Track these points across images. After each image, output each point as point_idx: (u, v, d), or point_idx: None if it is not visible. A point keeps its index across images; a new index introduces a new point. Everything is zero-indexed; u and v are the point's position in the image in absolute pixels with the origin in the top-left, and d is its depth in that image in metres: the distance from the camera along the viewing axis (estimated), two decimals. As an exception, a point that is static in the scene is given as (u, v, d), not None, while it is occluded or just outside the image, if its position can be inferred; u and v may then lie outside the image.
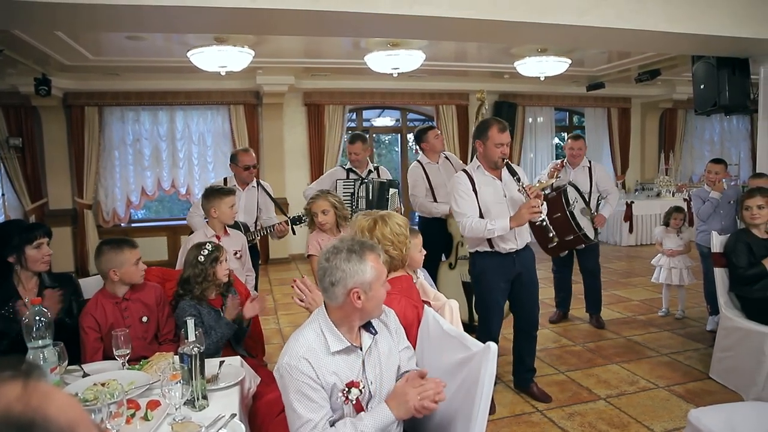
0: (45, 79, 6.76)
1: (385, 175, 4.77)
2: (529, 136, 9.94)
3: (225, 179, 4.48)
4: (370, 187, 4.37)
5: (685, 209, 5.51)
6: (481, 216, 3.33)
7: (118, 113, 8.12)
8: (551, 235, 3.29)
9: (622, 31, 3.76)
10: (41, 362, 1.97)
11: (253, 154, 4.45)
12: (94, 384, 2.05)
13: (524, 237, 3.45)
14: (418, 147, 5.03)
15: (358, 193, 4.41)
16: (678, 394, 3.64)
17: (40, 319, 2.01)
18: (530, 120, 9.90)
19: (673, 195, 9.63)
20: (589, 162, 5.09)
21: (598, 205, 4.97)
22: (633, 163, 10.47)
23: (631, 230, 9.36)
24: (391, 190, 4.44)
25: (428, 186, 4.85)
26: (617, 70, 7.92)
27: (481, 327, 3.63)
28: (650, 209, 9.37)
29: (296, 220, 4.05)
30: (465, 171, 3.45)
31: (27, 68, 6.46)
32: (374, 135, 10.09)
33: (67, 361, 2.17)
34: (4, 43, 5.32)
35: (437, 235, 4.76)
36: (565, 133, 11.04)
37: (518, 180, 3.25)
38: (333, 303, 1.76)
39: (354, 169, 4.64)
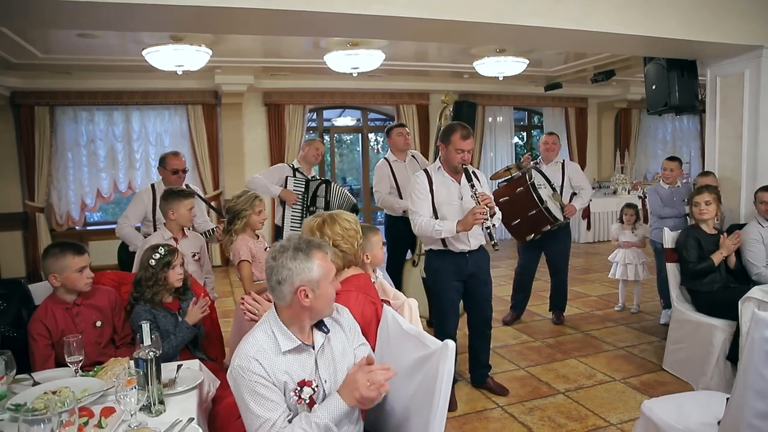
0: (-10, 77, 6.50)
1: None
2: (489, 135, 10.08)
3: (153, 185, 4.19)
4: (330, 190, 4.34)
5: (639, 206, 5.68)
6: (435, 215, 3.44)
7: (70, 113, 7.87)
8: (494, 243, 3.27)
9: (575, 33, 3.84)
10: (-13, 372, 1.89)
11: (183, 159, 4.23)
12: (45, 392, 1.97)
13: (477, 239, 3.52)
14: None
15: (316, 193, 4.38)
16: (633, 386, 3.76)
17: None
18: (490, 119, 10.04)
19: (628, 192, 9.92)
20: (563, 159, 5.20)
21: (570, 201, 5.03)
22: (590, 162, 10.74)
23: (589, 227, 9.61)
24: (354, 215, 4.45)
25: (393, 183, 4.91)
26: (574, 70, 8.11)
27: (437, 325, 3.67)
28: (607, 207, 9.65)
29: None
30: (426, 170, 3.54)
31: (-30, 66, 6.21)
32: (335, 135, 10.07)
33: (15, 371, 2.09)
34: (-55, 40, 5.10)
35: (403, 233, 4.79)
36: (525, 133, 11.27)
37: (472, 186, 3.32)
38: (281, 302, 1.75)
39: (300, 169, 4.66)
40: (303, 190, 4.50)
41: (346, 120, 10.22)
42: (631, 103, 10.28)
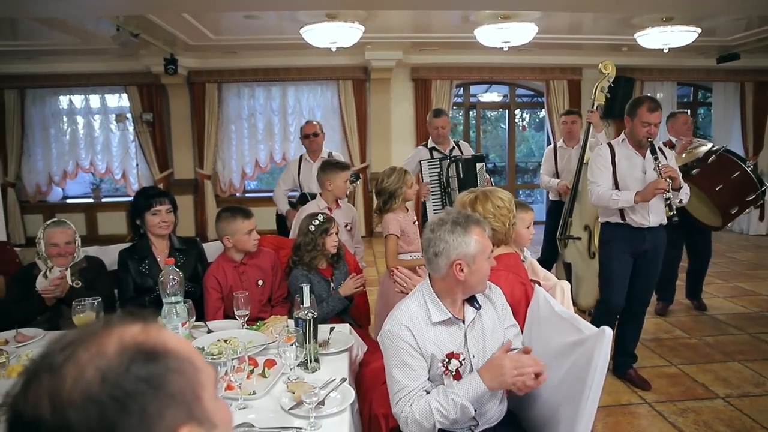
0: (172, 58, 7.33)
1: (467, 149, 4.70)
2: (648, 113, 9.25)
3: (301, 156, 4.63)
4: (460, 165, 4.29)
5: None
6: (617, 188, 3.39)
7: (234, 89, 8.59)
8: (672, 214, 3.20)
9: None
10: (175, 316, 2.16)
11: (315, 124, 4.58)
12: (218, 340, 2.22)
13: (658, 215, 3.37)
14: None
15: (447, 173, 4.33)
16: (813, 401, 3.30)
17: (172, 277, 2.20)
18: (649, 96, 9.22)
19: (816, 181, 8.59)
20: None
21: None
22: (769, 145, 9.45)
23: (761, 218, 8.48)
24: (478, 165, 4.35)
25: (554, 167, 4.94)
26: (756, 38, 7.12)
27: (600, 298, 3.62)
28: (787, 195, 8.45)
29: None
30: (609, 144, 3.49)
31: (157, 49, 7.01)
32: (480, 110, 9.91)
33: (194, 317, 2.36)
34: (140, 27, 5.81)
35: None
36: (689, 110, 10.20)
37: (656, 159, 3.22)
38: (436, 274, 1.78)
39: (437, 147, 4.58)
40: (438, 171, 4.43)
41: (493, 96, 10.00)
42: (830, 74, 8.82)
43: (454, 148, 4.61)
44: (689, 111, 10.11)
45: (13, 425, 0.62)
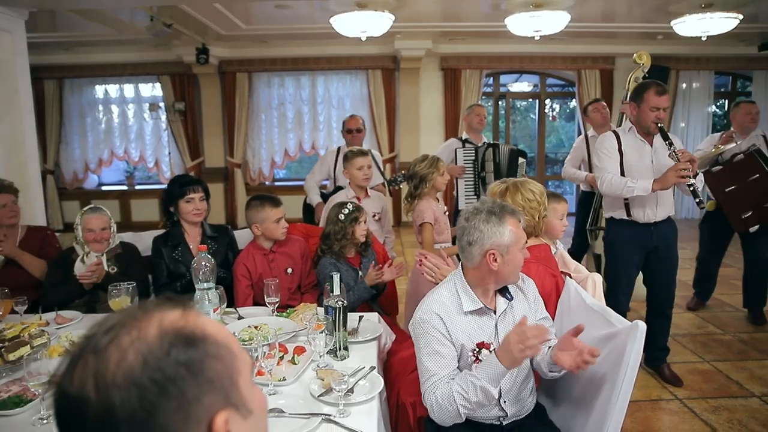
0: (204, 48, 7.44)
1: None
2: (682, 103, 9.02)
3: (339, 148, 4.63)
4: (498, 151, 4.31)
5: None
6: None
7: (265, 79, 8.66)
8: (699, 200, 2.99)
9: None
10: (206, 302, 2.20)
11: (359, 120, 4.58)
12: (249, 326, 2.26)
13: (666, 209, 3.25)
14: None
15: (484, 157, 4.40)
16: None
17: (205, 264, 2.24)
18: (684, 86, 8.96)
19: None
20: (764, 132, 4.36)
21: None
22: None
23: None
24: (521, 159, 4.41)
25: (586, 158, 4.82)
26: (801, 25, 6.88)
27: (607, 298, 3.47)
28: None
29: (392, 182, 4.06)
30: (615, 132, 3.34)
31: (190, 39, 7.12)
32: (510, 100, 9.80)
33: (225, 303, 2.40)
34: (173, 18, 5.90)
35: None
36: (726, 100, 9.89)
37: (670, 144, 3.04)
38: (469, 264, 1.78)
39: (470, 139, 4.67)
40: (473, 158, 4.53)
41: (523, 85, 9.87)
42: None
43: (486, 142, 4.72)
44: (726, 101, 9.84)
45: (60, 403, 0.65)
